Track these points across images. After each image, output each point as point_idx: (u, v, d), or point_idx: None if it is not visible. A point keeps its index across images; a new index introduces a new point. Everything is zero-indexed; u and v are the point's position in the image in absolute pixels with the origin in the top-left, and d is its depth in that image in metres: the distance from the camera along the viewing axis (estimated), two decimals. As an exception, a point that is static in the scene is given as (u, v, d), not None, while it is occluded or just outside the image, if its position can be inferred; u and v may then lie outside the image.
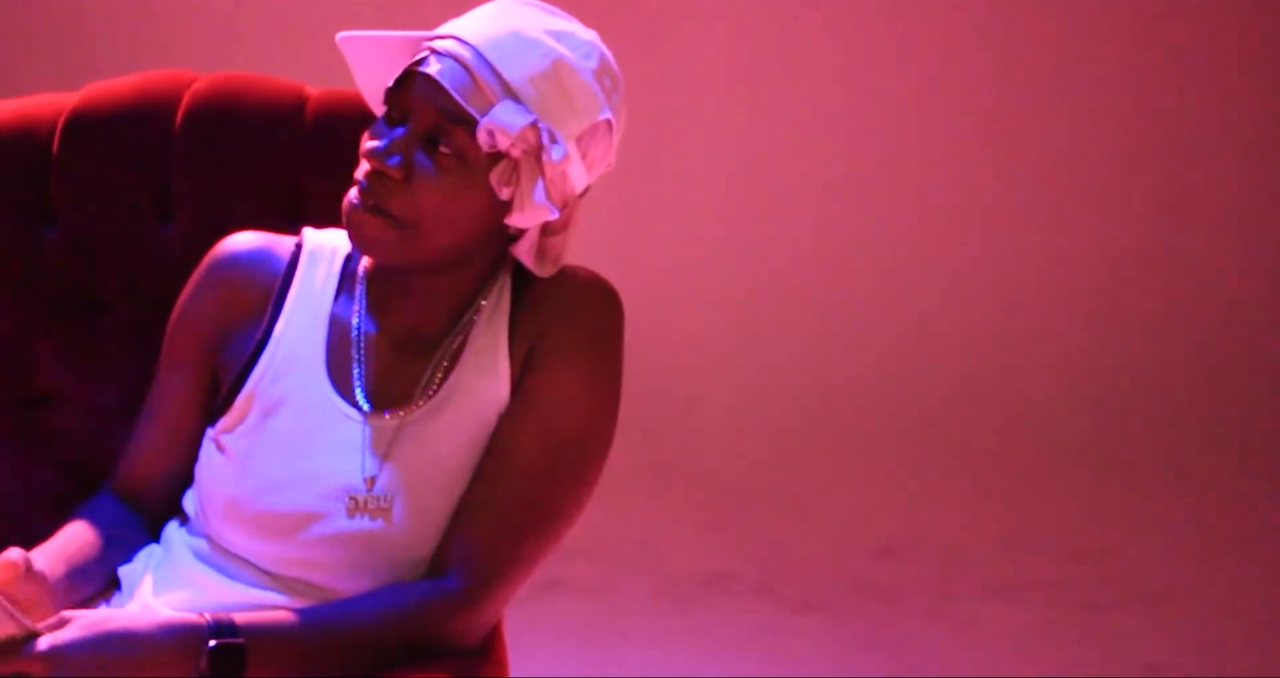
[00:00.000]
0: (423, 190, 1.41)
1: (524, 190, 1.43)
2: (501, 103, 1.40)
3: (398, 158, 1.41)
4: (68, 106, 1.76)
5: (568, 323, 1.49)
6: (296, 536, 1.46)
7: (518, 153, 1.41)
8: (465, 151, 1.42)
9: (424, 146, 1.42)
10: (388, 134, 1.43)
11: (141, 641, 1.30)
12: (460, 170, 1.42)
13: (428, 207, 1.42)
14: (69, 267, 1.73)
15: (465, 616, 1.45)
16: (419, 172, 1.41)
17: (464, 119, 1.41)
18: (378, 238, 1.43)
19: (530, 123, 1.40)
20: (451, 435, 1.48)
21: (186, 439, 1.57)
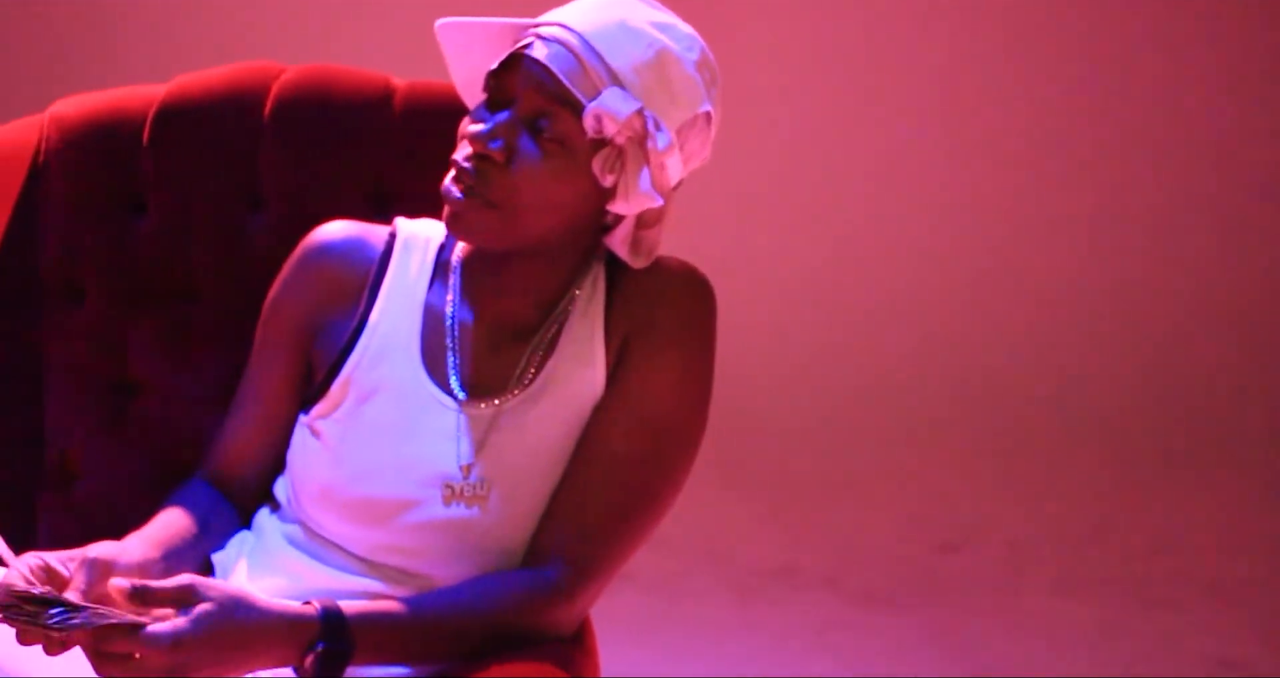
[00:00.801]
0: (525, 174, 1.42)
1: (628, 178, 1.43)
2: (609, 89, 1.41)
3: (500, 141, 1.41)
4: (158, 97, 1.77)
5: (663, 313, 1.49)
6: (391, 522, 1.47)
7: (622, 140, 1.42)
8: (569, 137, 1.42)
9: (527, 131, 1.42)
10: (490, 118, 1.43)
11: (255, 631, 1.30)
12: (563, 156, 1.42)
13: (529, 191, 1.42)
14: (160, 256, 1.75)
15: (563, 605, 1.45)
16: (522, 156, 1.42)
17: (570, 104, 1.41)
18: (477, 221, 1.44)
19: (636, 110, 1.40)
20: (547, 424, 1.48)
21: (279, 427, 1.58)
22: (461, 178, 1.43)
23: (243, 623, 1.29)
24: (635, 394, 1.48)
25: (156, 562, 1.43)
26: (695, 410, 1.50)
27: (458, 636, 1.41)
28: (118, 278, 1.74)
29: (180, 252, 1.74)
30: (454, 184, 1.44)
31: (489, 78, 1.45)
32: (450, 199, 1.44)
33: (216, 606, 1.28)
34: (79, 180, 1.75)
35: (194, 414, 1.73)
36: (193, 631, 1.27)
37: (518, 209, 1.43)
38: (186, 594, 1.28)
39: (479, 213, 1.43)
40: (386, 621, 1.38)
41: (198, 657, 1.27)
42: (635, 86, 1.41)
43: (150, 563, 1.42)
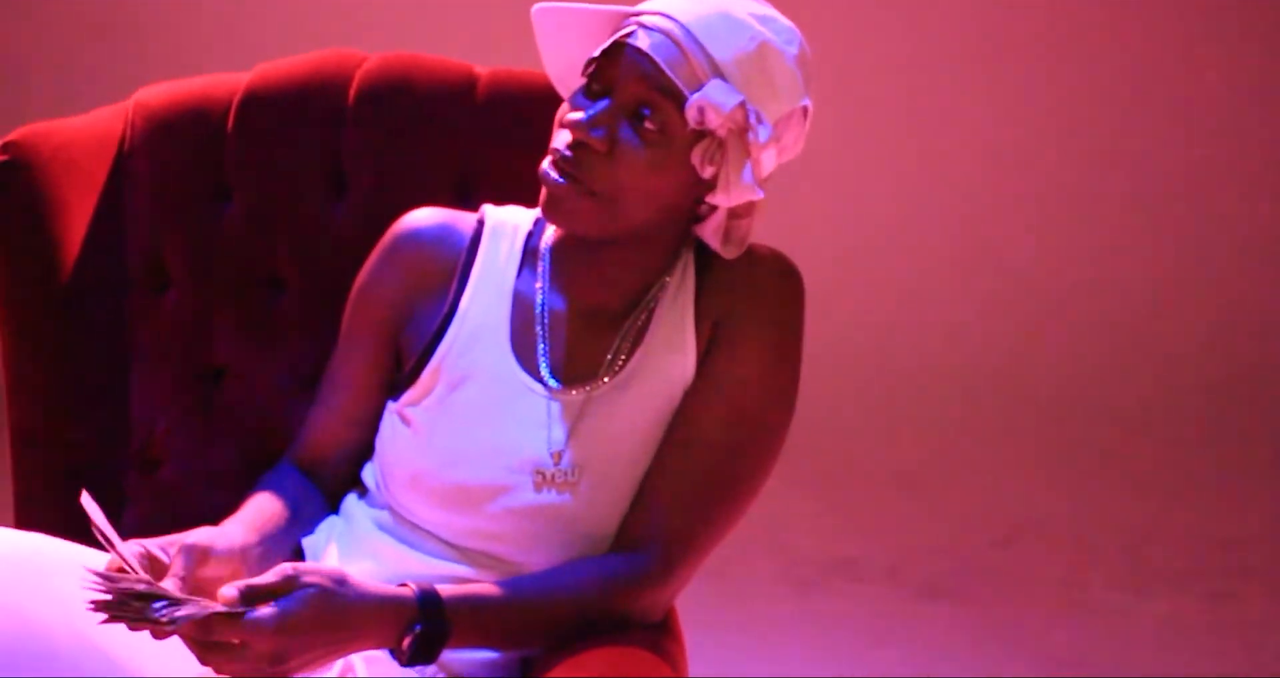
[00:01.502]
0: (625, 164, 1.42)
1: (730, 170, 1.43)
2: (712, 81, 1.40)
3: (602, 130, 1.41)
4: (242, 85, 1.78)
5: (753, 301, 1.49)
6: (482, 508, 1.48)
7: (723, 132, 1.42)
8: (670, 127, 1.42)
9: (628, 120, 1.42)
10: (591, 106, 1.43)
11: (355, 613, 1.31)
12: (663, 146, 1.42)
13: (629, 180, 1.42)
14: (244, 243, 1.76)
15: (654, 592, 1.46)
16: (622, 145, 1.42)
17: (672, 94, 1.41)
18: (576, 208, 1.44)
19: (739, 103, 1.40)
20: (638, 411, 1.49)
21: (367, 413, 1.59)
22: (562, 165, 1.43)
23: (343, 605, 1.30)
24: (725, 381, 1.48)
25: (253, 547, 1.44)
26: (784, 397, 1.50)
27: (550, 620, 1.42)
28: (202, 265, 1.75)
29: (265, 239, 1.75)
30: (553, 170, 1.44)
31: (589, 65, 1.45)
32: (550, 185, 1.44)
33: (318, 589, 1.29)
34: (164, 168, 1.76)
35: (278, 400, 1.74)
36: (295, 614, 1.27)
37: (617, 198, 1.43)
38: (289, 584, 1.28)
39: (578, 200, 1.43)
40: (482, 604, 1.38)
41: (300, 640, 1.27)
42: (737, 78, 1.41)
43: (247, 548, 1.42)
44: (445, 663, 1.48)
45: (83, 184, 1.74)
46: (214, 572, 1.36)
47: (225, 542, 1.39)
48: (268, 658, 1.26)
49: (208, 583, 1.36)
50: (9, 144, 1.69)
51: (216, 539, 1.39)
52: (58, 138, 1.73)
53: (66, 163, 1.72)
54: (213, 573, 1.36)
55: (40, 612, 1.42)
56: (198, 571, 1.34)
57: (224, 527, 1.45)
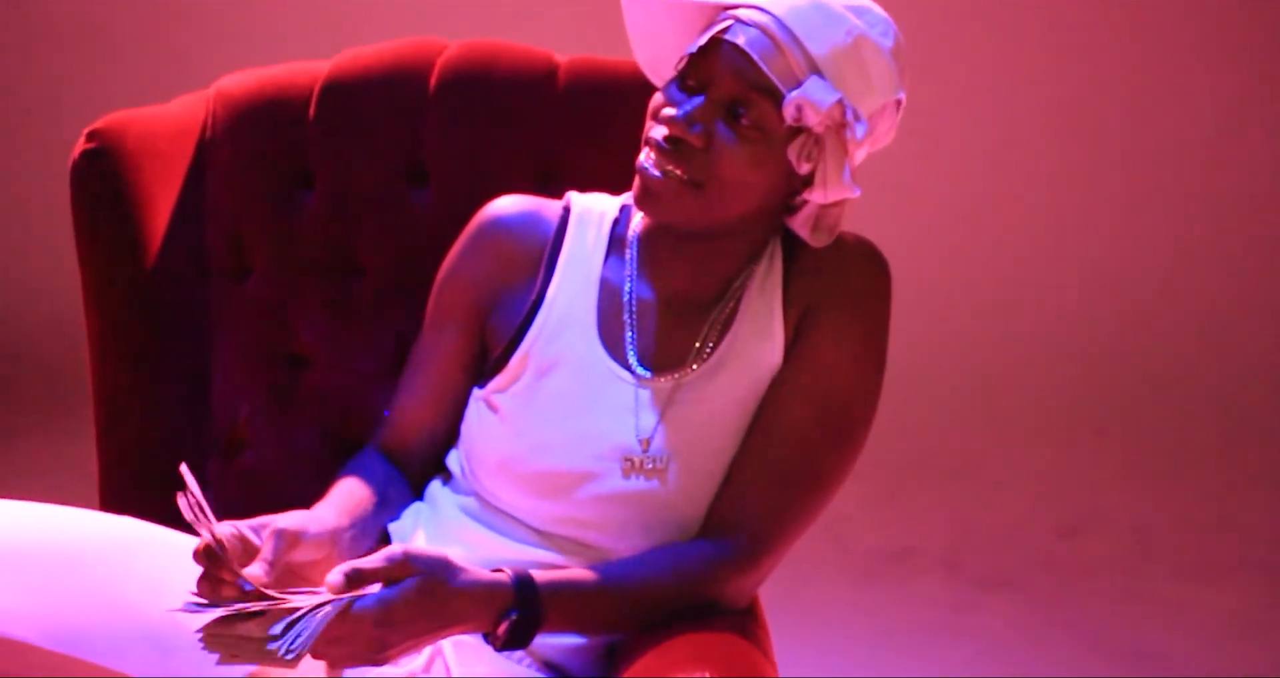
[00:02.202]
0: (723, 159, 1.42)
1: (828, 167, 1.43)
2: (810, 78, 1.40)
3: (699, 126, 1.41)
4: (322, 74, 1.79)
5: (842, 289, 1.49)
6: (571, 495, 1.48)
7: (820, 129, 1.42)
8: (766, 124, 1.42)
9: (724, 116, 1.42)
10: (686, 101, 1.43)
11: (456, 599, 1.31)
12: (760, 142, 1.42)
13: (726, 176, 1.42)
14: (325, 231, 1.77)
15: (742, 578, 1.46)
16: (720, 141, 1.42)
17: (768, 92, 1.41)
18: (673, 201, 1.44)
19: (837, 100, 1.40)
20: (726, 398, 1.49)
21: (453, 399, 1.60)
22: (659, 159, 1.43)
23: (446, 591, 1.30)
24: (813, 368, 1.48)
25: (344, 531, 1.45)
26: (871, 385, 1.50)
27: (639, 605, 1.42)
28: (284, 253, 1.77)
29: (345, 227, 1.76)
30: (651, 163, 1.44)
31: (686, 59, 1.45)
32: (647, 177, 1.44)
33: (422, 576, 1.29)
34: (245, 156, 1.77)
35: (360, 387, 1.75)
36: (401, 601, 1.28)
37: (714, 193, 1.43)
38: (398, 569, 1.29)
39: (676, 194, 1.43)
40: (574, 589, 1.39)
41: (404, 627, 1.28)
42: (833, 74, 1.41)
43: (338, 532, 1.43)
44: (533, 649, 1.48)
45: (166, 172, 1.75)
46: (305, 556, 1.37)
47: (317, 526, 1.40)
48: (376, 644, 1.27)
49: (298, 567, 1.37)
50: (95, 132, 1.71)
51: (308, 524, 1.39)
52: (141, 126, 1.74)
53: (151, 151, 1.73)
54: (303, 557, 1.37)
55: (131, 595, 1.44)
56: (288, 555, 1.35)
57: (315, 511, 1.46)
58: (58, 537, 1.45)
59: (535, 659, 1.49)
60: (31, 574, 1.41)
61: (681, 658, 1.30)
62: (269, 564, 1.33)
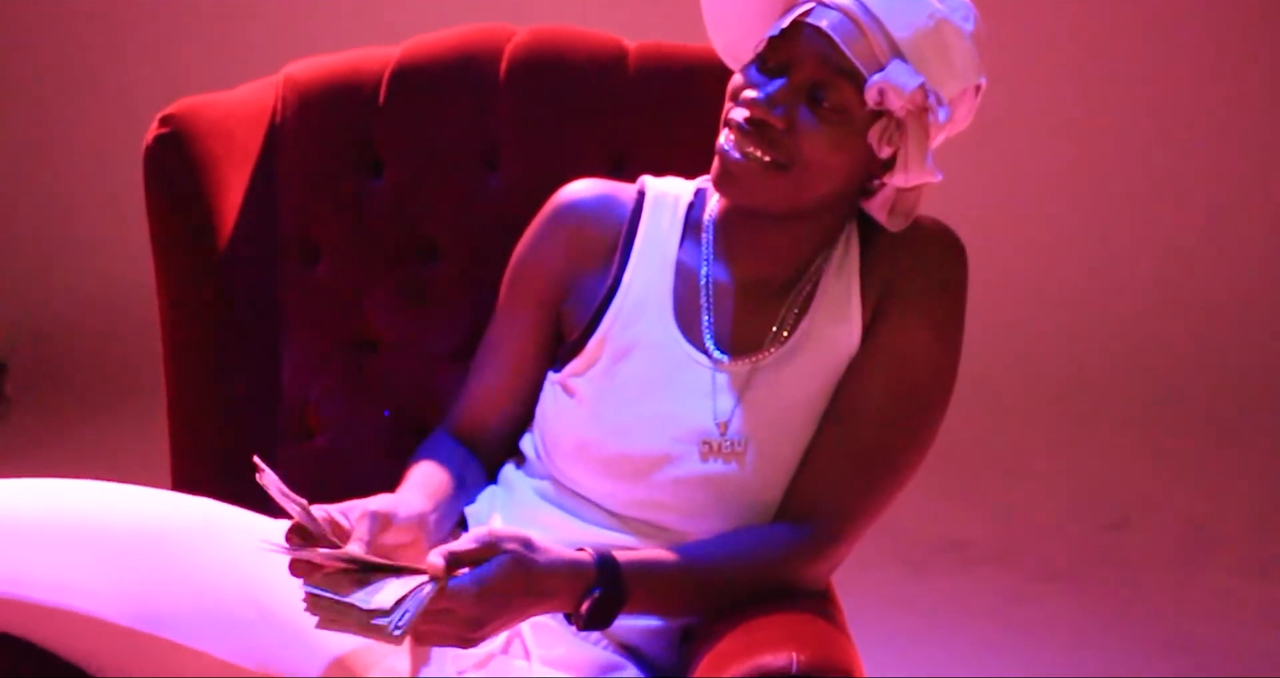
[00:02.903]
0: (805, 142, 1.42)
1: (910, 151, 1.43)
2: (893, 62, 1.40)
3: (781, 109, 1.41)
4: (392, 60, 1.79)
5: (919, 272, 1.49)
6: (648, 478, 1.48)
7: (902, 113, 1.41)
8: (848, 107, 1.41)
9: (806, 99, 1.42)
10: (767, 83, 1.43)
11: (543, 578, 1.32)
12: (842, 126, 1.42)
13: (808, 158, 1.42)
14: (396, 216, 1.77)
15: (818, 561, 1.46)
16: (802, 124, 1.41)
17: (851, 75, 1.40)
18: (754, 185, 1.44)
19: (920, 84, 1.40)
20: (803, 382, 1.49)
21: (526, 383, 1.60)
22: (742, 140, 1.43)
23: (534, 570, 1.31)
24: (891, 352, 1.48)
25: (429, 514, 1.45)
26: (947, 369, 1.50)
27: (718, 587, 1.42)
28: (354, 237, 1.77)
29: (416, 212, 1.77)
30: (732, 145, 1.44)
31: (766, 42, 1.45)
32: (728, 159, 1.44)
33: (512, 555, 1.30)
34: (315, 142, 1.78)
35: (430, 371, 1.75)
36: (494, 579, 1.28)
37: (795, 176, 1.43)
38: (489, 550, 1.30)
39: (758, 176, 1.43)
40: (655, 569, 1.39)
41: (498, 605, 1.28)
42: (915, 58, 1.40)
43: (424, 515, 1.44)
44: (610, 632, 1.49)
45: (237, 157, 1.76)
46: (395, 539, 1.38)
47: (406, 509, 1.40)
48: (469, 624, 1.27)
49: (388, 550, 1.37)
50: (168, 117, 1.71)
51: (398, 507, 1.40)
52: (213, 111, 1.75)
53: (222, 136, 1.74)
54: (393, 540, 1.38)
55: (210, 575, 1.44)
56: (379, 537, 1.35)
57: (401, 494, 1.46)
58: (138, 517, 1.46)
59: (612, 642, 1.49)
60: (112, 554, 1.42)
61: (767, 638, 1.30)
62: (365, 545, 1.34)
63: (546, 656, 1.45)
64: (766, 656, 1.26)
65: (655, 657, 1.51)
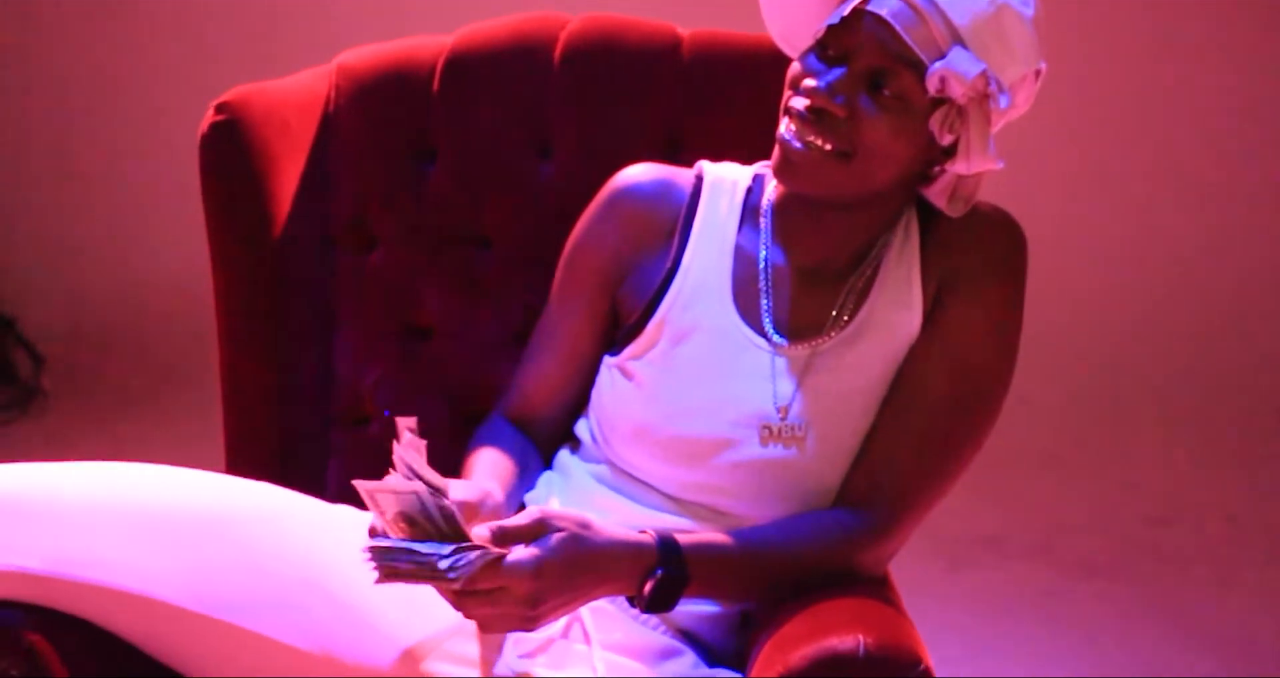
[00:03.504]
0: (866, 131, 1.41)
1: (972, 139, 1.42)
2: (954, 49, 1.39)
3: (842, 97, 1.41)
4: (446, 48, 1.80)
5: (980, 258, 1.48)
6: (708, 461, 1.48)
7: (963, 100, 1.41)
8: (908, 95, 1.41)
9: (866, 87, 1.42)
10: (827, 71, 1.42)
11: (602, 558, 1.32)
12: (903, 113, 1.42)
13: (870, 146, 1.42)
14: (450, 203, 1.78)
15: (879, 547, 1.46)
16: (863, 112, 1.41)
17: (911, 63, 1.40)
18: (815, 173, 1.44)
19: (981, 72, 1.39)
20: (864, 367, 1.48)
21: (582, 368, 1.60)
22: (802, 129, 1.43)
23: (592, 550, 1.31)
24: (952, 337, 1.47)
25: (503, 503, 1.45)
26: (1008, 355, 1.50)
27: (780, 571, 1.42)
28: (408, 225, 1.78)
29: (470, 199, 1.77)
30: (792, 134, 1.44)
31: (826, 30, 1.44)
32: (789, 149, 1.44)
33: (568, 534, 1.30)
34: (369, 130, 1.78)
35: (483, 358, 1.76)
36: (550, 558, 1.28)
37: (857, 164, 1.43)
38: (540, 528, 1.30)
39: (819, 165, 1.43)
40: (717, 552, 1.39)
41: (555, 584, 1.28)
42: (976, 44, 1.40)
43: (499, 505, 1.44)
44: (669, 617, 1.49)
45: (291, 144, 1.76)
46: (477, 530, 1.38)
47: (491, 500, 1.41)
48: (524, 602, 1.27)
49: None
50: (224, 104, 1.72)
51: (484, 497, 1.41)
52: (267, 99, 1.75)
53: (277, 123, 1.75)
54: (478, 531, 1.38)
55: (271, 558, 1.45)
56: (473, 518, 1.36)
57: (477, 482, 1.47)
58: (201, 501, 1.47)
59: (670, 627, 1.49)
60: (176, 537, 1.43)
61: (833, 622, 1.30)
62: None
63: (606, 640, 1.45)
64: (833, 639, 1.26)
65: (714, 643, 1.51)
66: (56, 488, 1.43)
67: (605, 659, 1.43)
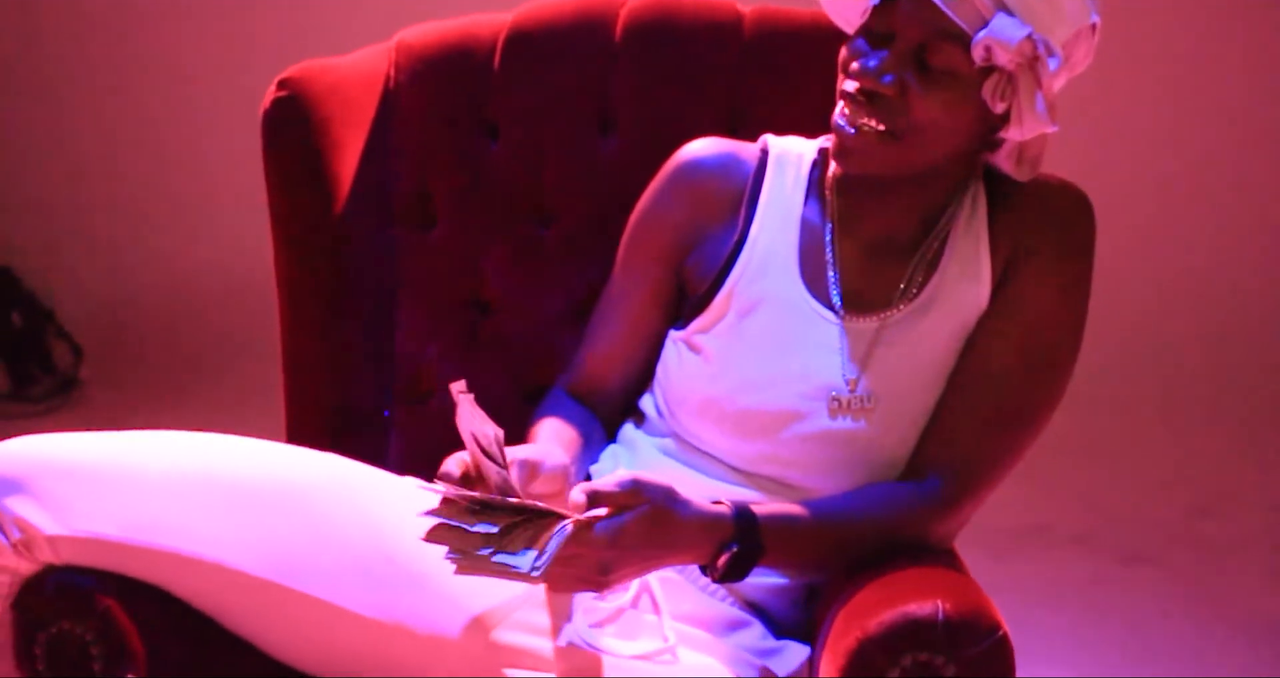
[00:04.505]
0: (917, 107, 1.41)
1: (1023, 104, 1.42)
2: (996, 16, 1.39)
3: (890, 77, 1.41)
4: (506, 25, 1.80)
5: (1048, 229, 1.48)
6: (776, 434, 1.48)
7: (1012, 66, 1.40)
8: (956, 68, 1.41)
9: (913, 64, 1.42)
10: (873, 52, 1.43)
11: (681, 528, 1.32)
12: (953, 87, 1.41)
13: (922, 123, 1.42)
14: (511, 179, 1.78)
15: (948, 519, 1.46)
16: (912, 89, 1.41)
17: (956, 35, 1.40)
18: (871, 156, 1.44)
19: (1026, 36, 1.39)
20: (932, 339, 1.48)
21: (647, 342, 1.60)
22: (854, 112, 1.43)
23: (672, 521, 1.31)
24: (1020, 309, 1.47)
25: (570, 466, 1.45)
26: (1076, 327, 1.50)
27: (851, 543, 1.42)
28: (469, 201, 1.78)
29: (532, 175, 1.77)
30: (845, 119, 1.44)
31: (870, 9, 1.44)
32: (843, 135, 1.44)
33: (652, 504, 1.30)
34: (429, 107, 1.78)
35: (545, 332, 1.76)
36: (631, 527, 1.28)
37: (911, 142, 1.43)
38: (631, 493, 1.29)
39: (873, 147, 1.43)
40: (792, 523, 1.39)
41: (630, 552, 1.28)
42: (1020, 8, 1.39)
43: (566, 467, 1.44)
44: (737, 589, 1.49)
45: (353, 120, 1.76)
46: (540, 488, 1.39)
47: (552, 459, 1.41)
48: (598, 568, 1.28)
49: (533, 499, 1.38)
50: (286, 80, 1.72)
51: (545, 456, 1.41)
52: (329, 75, 1.76)
53: (339, 99, 1.75)
54: (539, 489, 1.38)
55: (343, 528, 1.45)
56: (527, 486, 1.36)
57: (541, 446, 1.47)
58: (270, 470, 1.47)
59: (738, 599, 1.49)
60: (246, 505, 1.43)
61: (910, 589, 1.30)
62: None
63: (675, 610, 1.46)
64: (911, 604, 1.26)
65: (780, 615, 1.51)
66: (132, 456, 1.44)
67: (675, 629, 1.43)
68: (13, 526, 1.38)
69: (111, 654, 1.37)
